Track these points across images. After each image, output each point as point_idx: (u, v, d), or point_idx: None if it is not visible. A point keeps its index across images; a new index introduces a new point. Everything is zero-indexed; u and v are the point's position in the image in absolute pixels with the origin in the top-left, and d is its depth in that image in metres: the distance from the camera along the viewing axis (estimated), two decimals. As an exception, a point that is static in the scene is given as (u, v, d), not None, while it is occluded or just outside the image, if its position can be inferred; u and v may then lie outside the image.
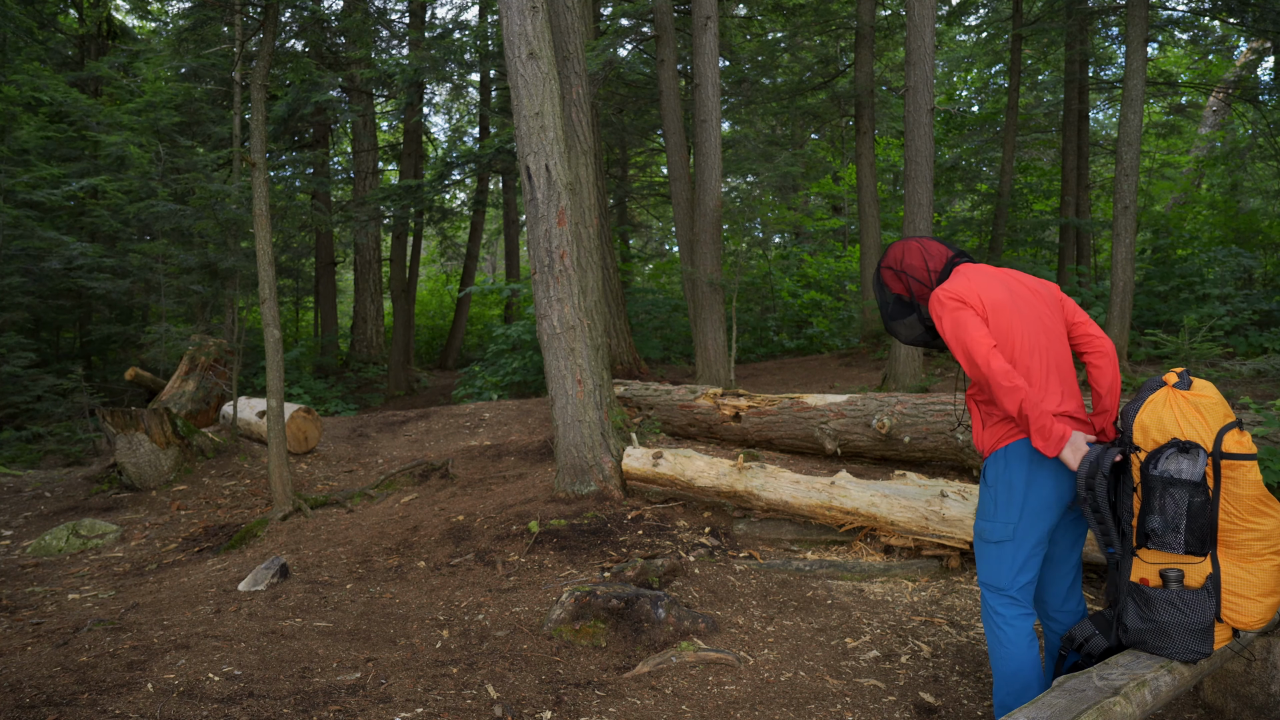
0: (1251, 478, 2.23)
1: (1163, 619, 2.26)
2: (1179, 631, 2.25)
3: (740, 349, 15.06)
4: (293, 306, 21.05)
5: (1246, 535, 2.23)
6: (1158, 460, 2.25)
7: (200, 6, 10.36)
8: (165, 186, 10.02)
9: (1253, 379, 8.50)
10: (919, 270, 2.67)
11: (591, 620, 3.55)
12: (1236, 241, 13.66)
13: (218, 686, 2.94)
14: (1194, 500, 2.20)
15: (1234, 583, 2.25)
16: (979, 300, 2.45)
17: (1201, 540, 2.22)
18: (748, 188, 19.83)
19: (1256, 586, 2.24)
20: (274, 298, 6.15)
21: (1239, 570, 2.25)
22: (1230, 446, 2.23)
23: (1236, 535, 2.24)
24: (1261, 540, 2.23)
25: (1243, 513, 2.23)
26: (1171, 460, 2.23)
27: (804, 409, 6.40)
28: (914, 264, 2.68)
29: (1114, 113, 20.05)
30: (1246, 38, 15.11)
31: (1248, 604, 2.24)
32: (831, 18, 14.29)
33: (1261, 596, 2.24)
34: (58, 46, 14.46)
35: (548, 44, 5.47)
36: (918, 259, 2.68)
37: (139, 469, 6.93)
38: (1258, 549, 2.24)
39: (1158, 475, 2.23)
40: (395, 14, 16.82)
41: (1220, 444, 2.23)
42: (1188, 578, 2.26)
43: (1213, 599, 2.24)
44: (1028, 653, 2.47)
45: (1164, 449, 2.25)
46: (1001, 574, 2.49)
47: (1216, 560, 2.25)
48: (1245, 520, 2.23)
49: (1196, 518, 2.20)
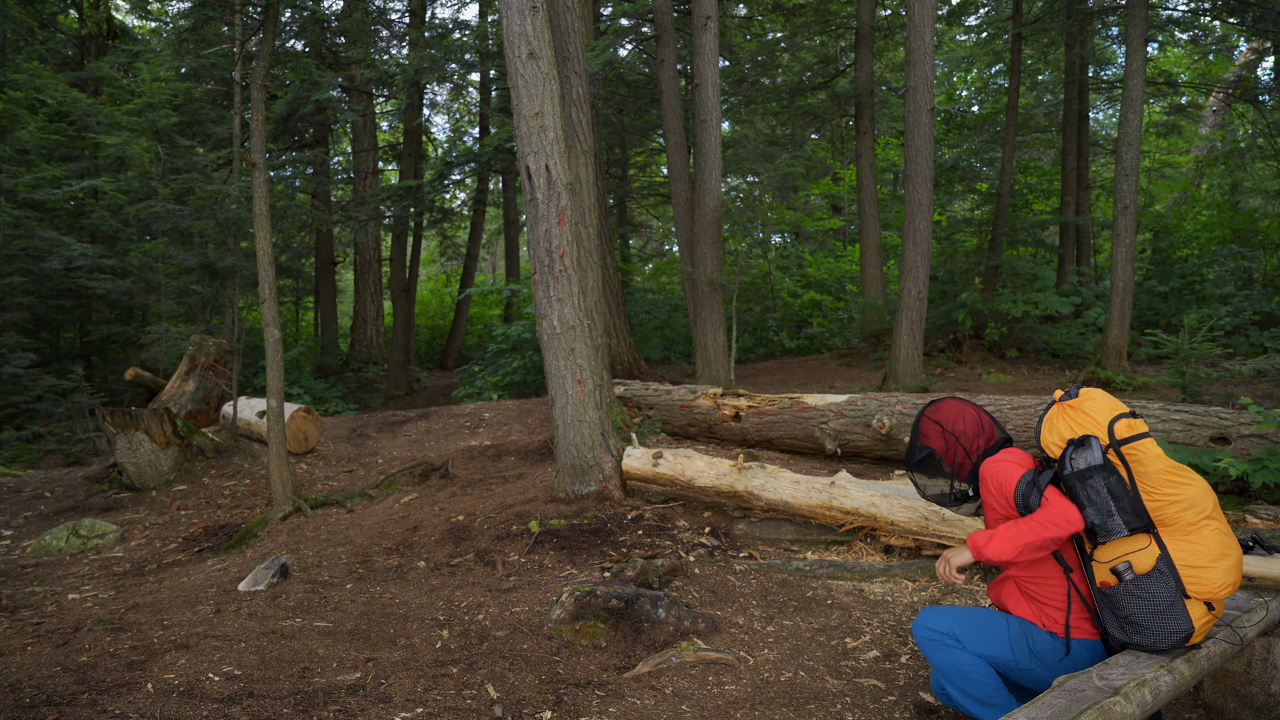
0: (1153, 453, 2.39)
1: (1129, 611, 2.35)
2: (1148, 617, 2.33)
3: (740, 349, 15.06)
4: (293, 306, 21.05)
5: (1174, 508, 2.35)
6: (1065, 462, 2.44)
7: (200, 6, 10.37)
8: (165, 186, 10.01)
9: (1253, 379, 8.50)
10: (970, 439, 2.69)
11: (591, 620, 3.55)
12: (1236, 241, 13.66)
13: (218, 686, 2.94)
14: (1109, 480, 2.36)
15: (1184, 555, 2.34)
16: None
17: (1136, 513, 2.35)
18: (748, 188, 19.83)
19: (1206, 553, 2.33)
20: (274, 298, 6.15)
21: (1184, 544, 2.35)
22: (1122, 433, 2.40)
23: (1166, 510, 2.36)
24: (1189, 509, 2.35)
25: (1160, 487, 2.36)
26: (1076, 457, 2.41)
27: (804, 409, 6.40)
28: (966, 431, 2.70)
29: (1114, 113, 20.05)
30: (1246, 38, 15.11)
31: (1204, 572, 2.33)
32: (831, 18, 14.29)
33: (1214, 561, 2.33)
34: (58, 46, 14.47)
35: (548, 44, 5.47)
36: (973, 427, 2.70)
37: (139, 469, 6.93)
38: (1190, 518, 2.35)
39: (1071, 474, 2.41)
40: (395, 14, 16.83)
41: (1113, 433, 2.40)
42: (1137, 565, 2.36)
43: (1168, 577, 2.33)
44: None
45: (1065, 450, 2.45)
46: (978, 644, 2.59)
47: (1160, 541, 2.36)
48: (1165, 494, 2.36)
49: (1120, 497, 2.35)
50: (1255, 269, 13.66)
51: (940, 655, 2.58)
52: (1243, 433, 4.75)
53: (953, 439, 2.69)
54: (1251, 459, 4.53)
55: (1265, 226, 13.73)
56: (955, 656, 2.55)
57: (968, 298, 10.70)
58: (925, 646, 2.62)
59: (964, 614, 2.63)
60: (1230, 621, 2.63)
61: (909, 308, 8.81)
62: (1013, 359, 10.78)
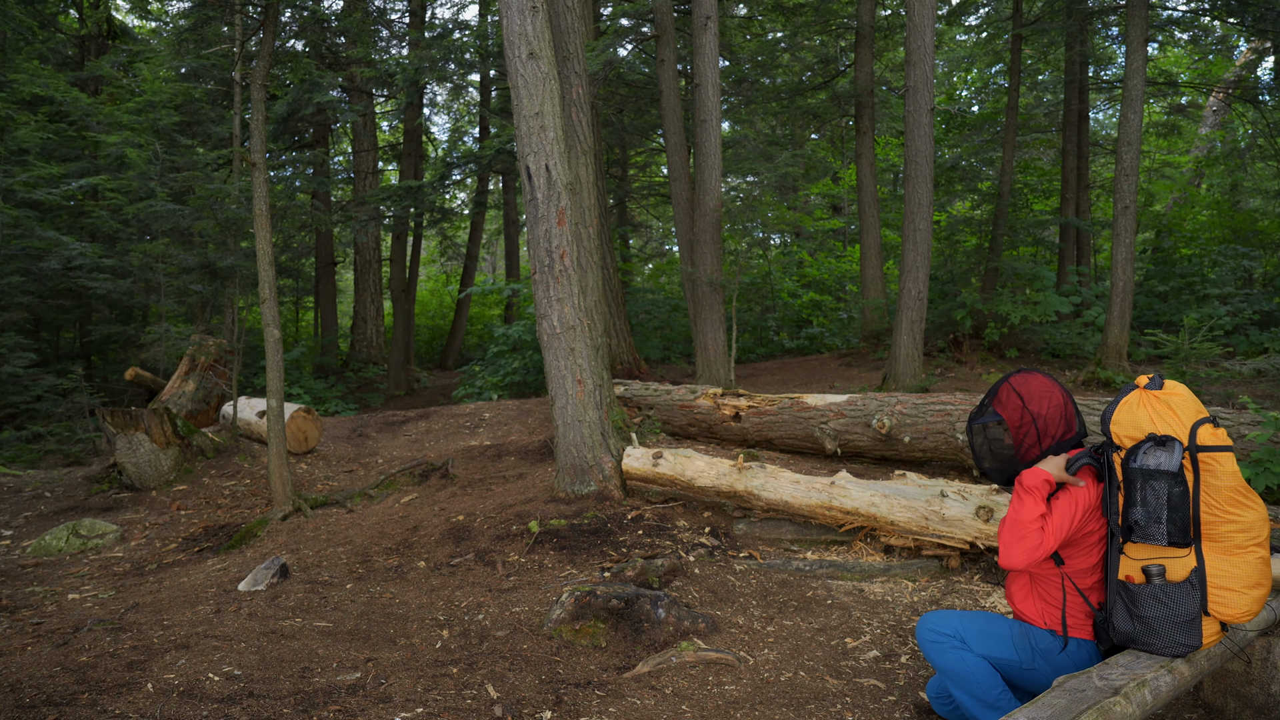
0: (1229, 469, 2.27)
1: (1148, 614, 2.30)
2: (1164, 625, 2.28)
3: (740, 349, 15.06)
4: (293, 306, 21.05)
5: (1228, 527, 2.26)
6: (1136, 454, 2.30)
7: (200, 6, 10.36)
8: (164, 186, 10.01)
9: (1253, 379, 8.50)
10: (1048, 424, 2.56)
11: (591, 620, 3.55)
12: (1236, 241, 13.66)
13: (218, 686, 2.94)
14: (1173, 491, 2.24)
15: (1219, 576, 2.27)
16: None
17: (1183, 531, 2.26)
18: (748, 188, 19.83)
19: (1241, 579, 2.26)
20: (274, 298, 6.15)
21: (1224, 563, 2.27)
22: (1205, 439, 2.28)
23: (1219, 528, 2.27)
24: (1243, 532, 2.26)
25: (1223, 504, 2.26)
26: (1150, 454, 2.29)
27: (804, 409, 6.40)
28: (1049, 415, 2.56)
29: (1114, 113, 20.05)
30: (1246, 38, 15.10)
31: (1234, 596, 2.26)
32: (831, 18, 14.29)
33: (1246, 589, 2.26)
34: (58, 46, 14.46)
35: (548, 44, 5.47)
36: (1056, 413, 2.56)
37: (139, 469, 6.93)
38: (1240, 541, 2.26)
39: (1137, 468, 2.29)
40: (395, 14, 16.83)
41: (1195, 437, 2.28)
42: (1170, 572, 2.29)
43: (1197, 591, 2.27)
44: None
45: (1141, 444, 2.31)
46: (984, 646, 2.58)
47: (1201, 554, 2.28)
48: (1226, 512, 2.26)
49: (1177, 509, 2.25)
50: (1255, 269, 13.67)
51: (946, 658, 2.56)
52: (1243, 434, 4.74)
53: (1029, 418, 2.54)
54: (1253, 460, 4.53)
55: (1265, 226, 13.73)
56: (961, 658, 2.53)
57: (967, 298, 10.70)
58: (930, 650, 2.60)
59: (967, 616, 2.62)
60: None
61: (909, 308, 8.81)
62: (1013, 359, 10.79)
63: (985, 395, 2.66)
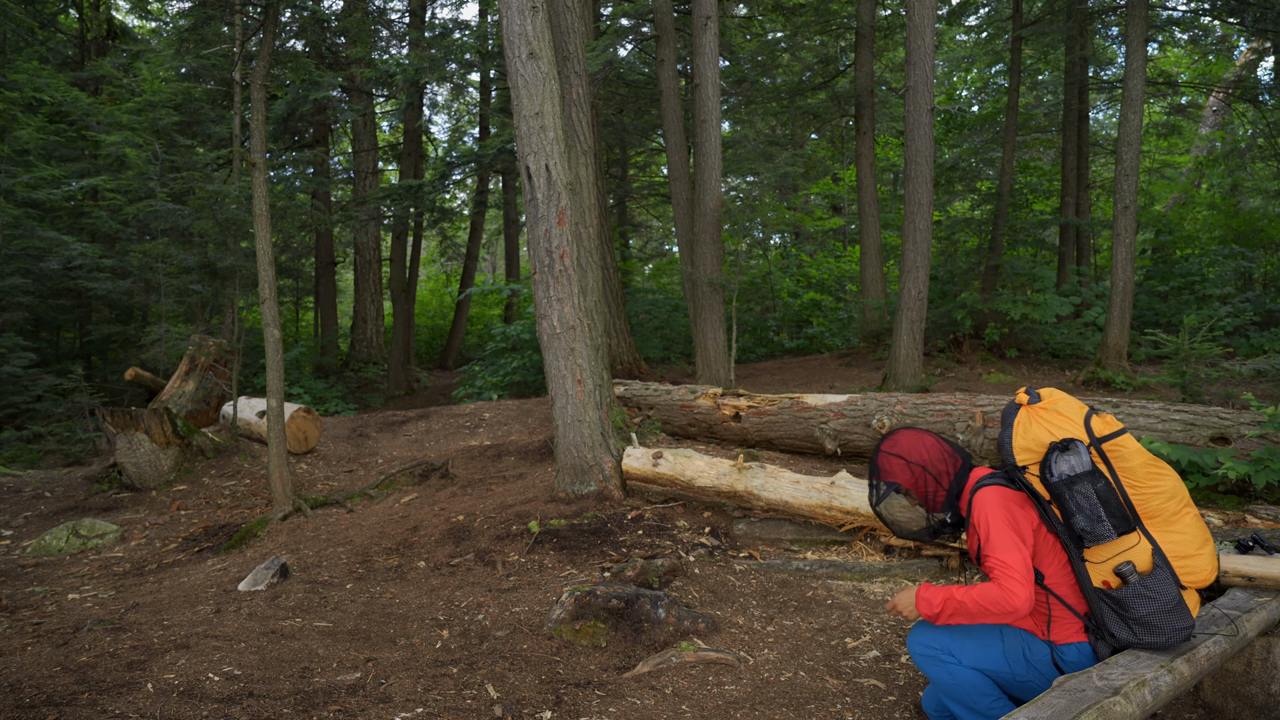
0: (1133, 448, 2.39)
1: (1141, 613, 2.33)
2: (1160, 617, 2.31)
3: (740, 349, 15.06)
4: (293, 306, 21.05)
5: (1157, 499, 2.37)
6: (1049, 468, 2.37)
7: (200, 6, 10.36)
8: (164, 186, 10.01)
9: (1253, 379, 8.50)
10: (937, 466, 2.59)
11: (591, 620, 3.55)
12: (1237, 241, 13.66)
13: (218, 686, 2.94)
14: (1097, 487, 2.33)
15: (1174, 547, 2.36)
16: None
17: (1123, 518, 2.34)
18: (748, 188, 19.83)
19: (1190, 542, 2.36)
20: (274, 298, 6.15)
21: (1171, 535, 2.37)
22: (1101, 431, 2.40)
23: (1150, 503, 2.38)
24: (1171, 499, 2.38)
25: (1143, 481, 2.38)
26: (1060, 462, 2.37)
27: (804, 409, 6.40)
28: (932, 459, 2.60)
29: (1114, 113, 20.05)
30: (1246, 38, 15.11)
31: (1194, 560, 2.36)
32: (831, 18, 14.29)
33: (1199, 549, 2.36)
34: (58, 46, 14.46)
35: (548, 44, 5.47)
36: (936, 453, 2.60)
37: (139, 469, 6.93)
38: (1173, 508, 2.38)
39: (1057, 480, 2.36)
40: (395, 14, 16.83)
41: (1092, 432, 2.39)
42: (1138, 564, 2.35)
43: (1168, 572, 2.34)
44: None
45: (1048, 456, 2.39)
46: (974, 657, 2.55)
47: (1150, 536, 2.37)
48: (1149, 486, 2.38)
49: (1108, 500, 2.33)
50: (1255, 269, 13.67)
51: (938, 670, 2.55)
52: (1243, 433, 4.74)
53: (919, 469, 2.60)
54: (1252, 459, 4.53)
55: (1266, 226, 13.73)
56: (952, 671, 2.53)
57: (967, 298, 10.70)
58: (922, 663, 2.59)
59: (957, 628, 2.60)
60: (1231, 621, 2.63)
61: (909, 308, 8.81)
62: (1013, 359, 10.78)
63: (870, 479, 2.71)
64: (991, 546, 2.38)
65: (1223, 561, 3.01)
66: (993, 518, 2.41)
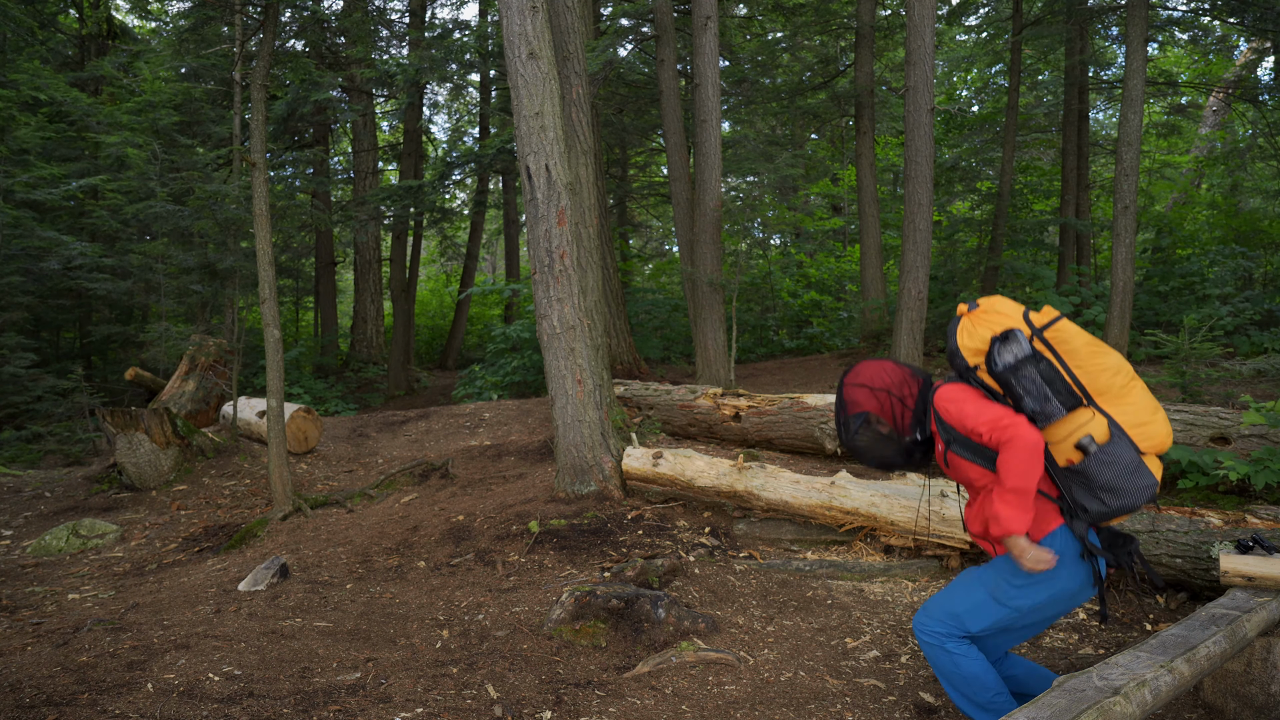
0: (1073, 330, 2.49)
1: (1105, 479, 2.40)
2: (1123, 479, 2.39)
3: (740, 349, 15.06)
4: (293, 306, 21.04)
5: (1105, 376, 2.46)
6: (993, 359, 2.47)
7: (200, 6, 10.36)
8: (164, 186, 10.01)
9: (1253, 379, 8.49)
10: (900, 388, 2.65)
11: (591, 620, 3.55)
12: (1237, 241, 13.65)
13: (218, 686, 2.94)
14: (1040, 368, 2.43)
15: (1128, 417, 2.44)
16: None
17: (1071, 395, 2.43)
18: (748, 188, 19.83)
19: (1143, 409, 2.45)
20: (274, 298, 6.15)
21: (1123, 407, 2.46)
22: (1039, 321, 2.50)
23: (1099, 380, 2.46)
24: (1117, 373, 2.47)
25: (1089, 361, 2.47)
26: (1003, 352, 2.46)
27: (804, 409, 6.40)
28: (893, 382, 2.66)
29: (1114, 113, 20.05)
30: (1246, 38, 15.10)
31: (1149, 427, 2.44)
32: (831, 18, 14.29)
33: (1152, 416, 2.45)
34: (58, 46, 14.46)
35: (548, 44, 5.47)
36: (897, 377, 2.67)
37: (139, 469, 6.93)
38: (1121, 382, 2.47)
39: (1002, 368, 2.45)
40: (395, 14, 16.83)
41: (1032, 325, 2.49)
42: (1097, 436, 2.43)
43: (1124, 438, 2.42)
44: (977, 654, 2.59)
45: (990, 349, 2.49)
46: (981, 624, 2.54)
47: (1102, 410, 2.46)
48: (1095, 364, 2.46)
49: (1053, 380, 2.43)
50: (1255, 269, 13.66)
51: (941, 659, 2.56)
52: (1243, 433, 4.74)
53: (884, 394, 2.65)
54: (1252, 459, 4.53)
55: (1266, 226, 13.72)
56: (953, 660, 2.54)
57: (968, 298, 10.70)
58: (928, 651, 2.61)
59: (948, 597, 2.60)
60: (1230, 621, 2.63)
61: (909, 308, 8.81)
62: (1013, 359, 10.76)
63: (836, 416, 2.75)
64: (974, 419, 2.44)
65: (1223, 561, 3.01)
66: (959, 399, 2.51)
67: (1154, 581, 2.64)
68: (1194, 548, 3.64)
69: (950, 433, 2.54)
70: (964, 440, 2.52)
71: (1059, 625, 3.71)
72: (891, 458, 2.69)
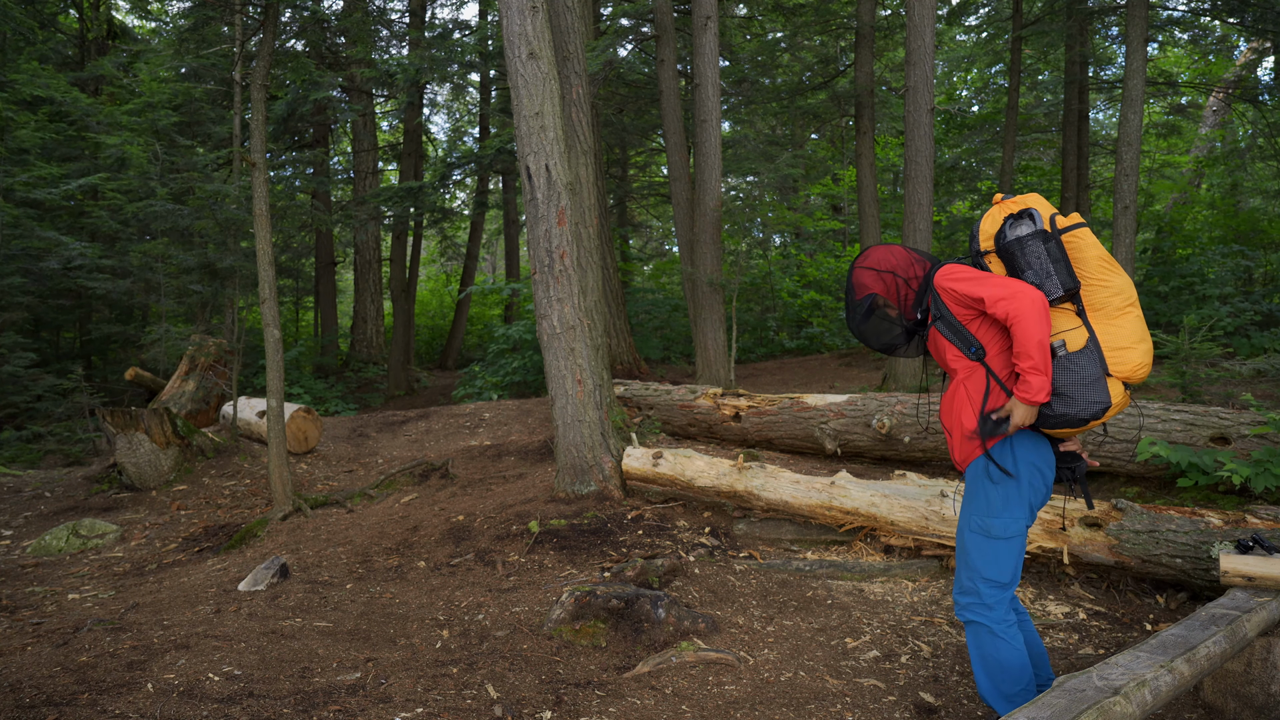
0: (1090, 241, 2.52)
1: (1060, 383, 2.45)
2: (1076, 388, 2.44)
3: (740, 349, 15.06)
4: (293, 306, 21.05)
5: (1104, 293, 2.49)
6: (1003, 234, 2.52)
7: (200, 6, 10.37)
8: (164, 186, 10.01)
9: (1253, 379, 8.49)
10: (907, 269, 2.71)
11: (591, 620, 3.55)
12: (1237, 241, 13.65)
13: (218, 686, 2.94)
14: (1048, 246, 2.47)
15: (1110, 338, 2.48)
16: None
17: (1070, 276, 2.46)
18: (748, 188, 19.83)
19: (1128, 336, 2.48)
20: (274, 298, 6.15)
21: (1110, 328, 2.49)
22: (1063, 223, 2.52)
23: (1096, 295, 2.50)
24: (1117, 295, 2.50)
25: (1095, 272, 2.50)
26: (1014, 227, 2.51)
27: (804, 409, 6.40)
28: (900, 265, 2.72)
29: (1114, 113, 20.05)
30: (1246, 38, 15.10)
31: (1126, 353, 2.47)
32: (831, 18, 14.29)
33: (1135, 344, 2.48)
34: (58, 46, 14.46)
35: (548, 44, 5.47)
36: (904, 259, 2.73)
37: (139, 469, 6.93)
38: (1118, 304, 2.50)
39: (1009, 240, 2.50)
40: (395, 14, 16.83)
41: (1054, 223, 2.52)
42: (1070, 344, 2.47)
43: (1095, 355, 2.46)
44: (1021, 645, 2.57)
45: (1002, 227, 2.54)
46: (1007, 567, 2.55)
47: (1090, 326, 2.49)
48: (1098, 278, 2.50)
49: (1059, 260, 2.47)
50: (1255, 269, 13.65)
51: (986, 642, 2.55)
52: (1243, 433, 4.74)
53: (890, 276, 2.70)
54: (1253, 461, 4.53)
55: (1266, 226, 13.72)
56: (999, 647, 2.52)
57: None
58: (974, 634, 2.59)
59: (963, 566, 2.60)
60: (1230, 621, 2.63)
61: (909, 308, 8.80)
62: (1013, 359, 10.76)
63: (846, 299, 2.81)
64: (977, 288, 2.48)
65: (1223, 561, 3.01)
66: (962, 274, 2.54)
67: (1088, 502, 2.65)
68: (1194, 548, 3.65)
69: (940, 309, 2.59)
70: (950, 320, 2.56)
71: (1059, 625, 3.71)
72: (895, 340, 2.76)
